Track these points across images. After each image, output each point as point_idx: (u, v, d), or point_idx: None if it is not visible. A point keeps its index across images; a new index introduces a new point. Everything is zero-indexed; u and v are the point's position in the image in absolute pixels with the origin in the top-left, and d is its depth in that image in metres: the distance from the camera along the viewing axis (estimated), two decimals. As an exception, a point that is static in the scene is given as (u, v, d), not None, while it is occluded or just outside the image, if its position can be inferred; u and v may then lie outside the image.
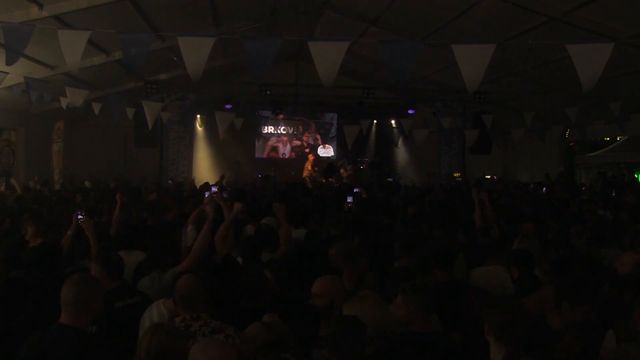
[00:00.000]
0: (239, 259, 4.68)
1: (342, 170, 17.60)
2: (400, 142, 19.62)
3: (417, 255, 4.58)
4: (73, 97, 10.69)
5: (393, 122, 19.63)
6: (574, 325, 2.97)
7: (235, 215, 5.03)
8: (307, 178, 17.59)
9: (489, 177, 18.64)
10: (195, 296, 3.23)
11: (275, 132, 21.50)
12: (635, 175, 17.32)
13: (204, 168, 19.27)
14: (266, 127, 21.23)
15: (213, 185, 8.76)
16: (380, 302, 3.01)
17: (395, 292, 3.23)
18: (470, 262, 4.97)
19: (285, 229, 5.11)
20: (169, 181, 16.11)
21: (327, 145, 21.67)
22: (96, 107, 12.43)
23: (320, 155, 21.48)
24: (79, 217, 4.80)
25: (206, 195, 5.36)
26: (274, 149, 21.71)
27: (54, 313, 2.85)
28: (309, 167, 19.97)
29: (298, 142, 21.78)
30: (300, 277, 4.03)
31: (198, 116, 18.35)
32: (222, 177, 14.00)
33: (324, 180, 16.46)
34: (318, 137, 21.85)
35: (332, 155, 21.48)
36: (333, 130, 21.45)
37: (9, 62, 6.42)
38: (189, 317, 3.13)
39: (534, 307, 3.42)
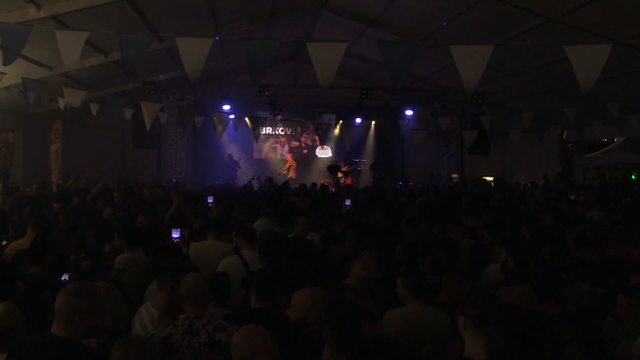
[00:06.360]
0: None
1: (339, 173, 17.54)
2: (398, 143, 19.58)
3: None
4: (71, 98, 10.65)
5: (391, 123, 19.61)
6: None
7: None
8: (325, 183, 17.33)
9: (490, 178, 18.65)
10: (202, 293, 3.24)
11: (274, 133, 21.46)
12: (633, 177, 17.33)
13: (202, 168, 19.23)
14: (264, 128, 21.19)
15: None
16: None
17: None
18: (474, 262, 5.01)
19: None
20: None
21: (325, 147, 21.63)
22: (94, 108, 12.38)
23: (319, 156, 21.44)
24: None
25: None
26: (272, 149, 21.68)
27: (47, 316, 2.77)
28: (290, 168, 20.00)
29: (296, 143, 21.74)
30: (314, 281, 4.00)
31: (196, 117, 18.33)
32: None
33: (326, 184, 16.41)
34: (316, 138, 21.81)
35: (330, 156, 21.44)
36: (331, 131, 21.42)
37: (6, 63, 6.39)
38: (192, 315, 3.13)
39: (518, 299, 3.45)
